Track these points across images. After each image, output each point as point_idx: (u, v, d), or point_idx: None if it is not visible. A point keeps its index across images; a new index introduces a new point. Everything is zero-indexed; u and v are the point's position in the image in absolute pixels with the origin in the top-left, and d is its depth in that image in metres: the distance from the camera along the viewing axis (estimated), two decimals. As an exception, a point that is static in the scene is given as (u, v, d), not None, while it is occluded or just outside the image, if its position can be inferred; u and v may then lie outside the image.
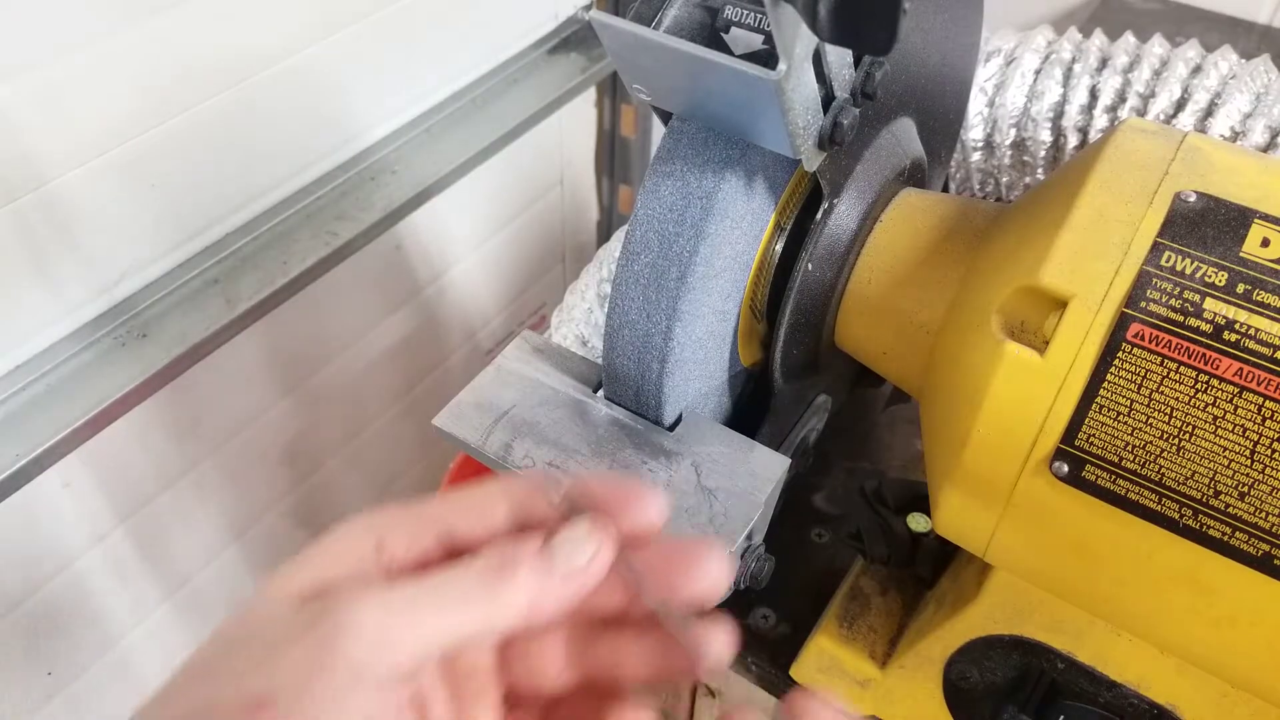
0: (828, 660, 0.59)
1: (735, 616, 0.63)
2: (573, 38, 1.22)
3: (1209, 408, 0.38)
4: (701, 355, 0.48)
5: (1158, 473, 0.40)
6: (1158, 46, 0.64)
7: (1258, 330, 0.37)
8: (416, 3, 1.00)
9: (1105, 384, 0.39)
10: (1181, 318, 0.38)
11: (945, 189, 0.72)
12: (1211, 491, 0.39)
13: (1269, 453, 0.38)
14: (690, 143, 0.45)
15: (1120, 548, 0.42)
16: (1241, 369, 0.37)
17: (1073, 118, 0.65)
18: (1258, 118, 0.60)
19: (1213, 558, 0.40)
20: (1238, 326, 0.37)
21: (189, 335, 0.86)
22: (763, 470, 0.46)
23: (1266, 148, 0.61)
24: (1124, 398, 0.39)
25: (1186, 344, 0.38)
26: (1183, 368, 0.38)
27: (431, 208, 1.06)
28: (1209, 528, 0.40)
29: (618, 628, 0.31)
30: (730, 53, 0.40)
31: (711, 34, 0.42)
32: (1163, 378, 0.39)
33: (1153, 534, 0.41)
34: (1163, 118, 0.63)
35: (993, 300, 0.42)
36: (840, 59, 0.41)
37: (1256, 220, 0.39)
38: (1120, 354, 0.39)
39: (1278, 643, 0.41)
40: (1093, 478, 0.41)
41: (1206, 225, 0.39)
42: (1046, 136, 0.66)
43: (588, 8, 1.23)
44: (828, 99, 0.41)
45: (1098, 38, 0.67)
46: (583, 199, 1.43)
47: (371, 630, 0.26)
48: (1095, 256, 0.40)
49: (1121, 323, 0.39)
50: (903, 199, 0.52)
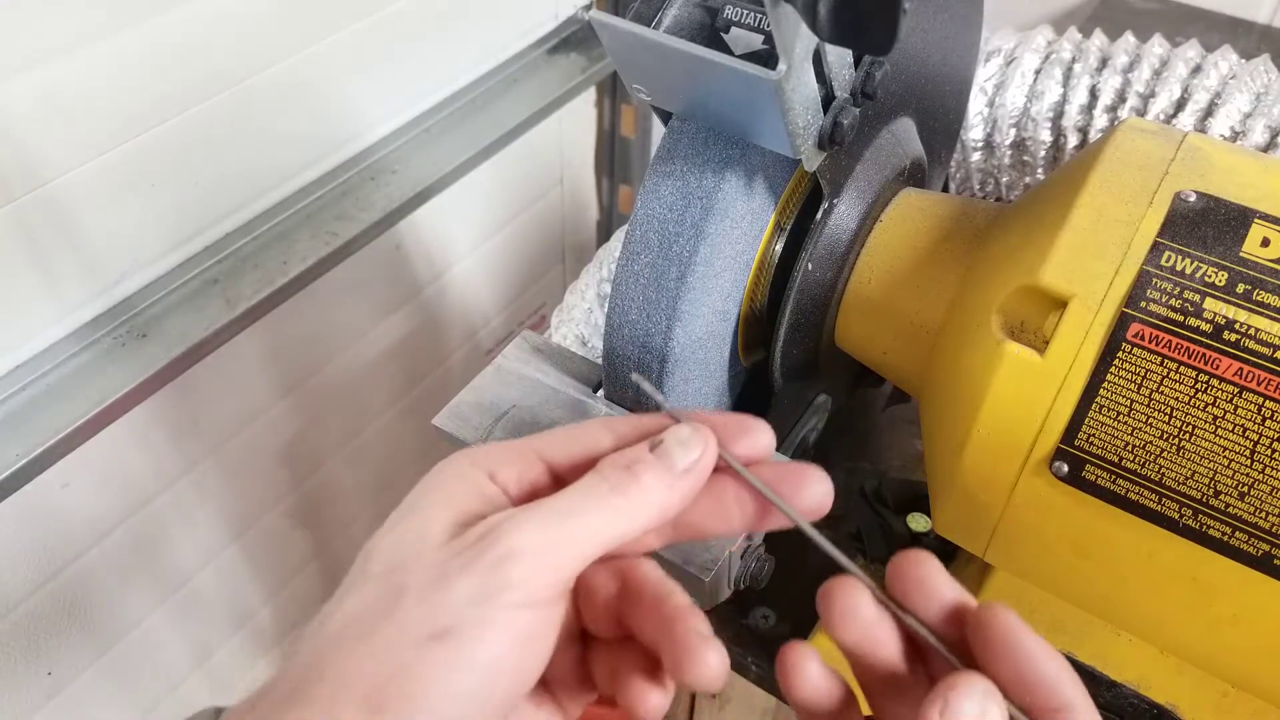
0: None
1: (735, 616, 0.63)
2: (573, 38, 1.22)
3: (1209, 407, 0.38)
4: (701, 355, 0.48)
5: (1158, 473, 0.40)
6: (1158, 46, 0.64)
7: (1258, 330, 0.37)
8: (416, 3, 1.00)
9: (1105, 384, 0.39)
10: (1181, 317, 0.38)
11: (945, 189, 0.72)
12: (1211, 491, 0.39)
13: (1269, 453, 0.38)
14: (690, 143, 0.45)
15: (1120, 548, 0.42)
16: (1241, 369, 0.37)
17: (1073, 118, 0.65)
18: (1258, 117, 0.60)
19: (1213, 557, 0.40)
20: (1238, 326, 0.37)
21: (189, 335, 0.86)
22: (763, 470, 0.46)
23: (1266, 147, 0.61)
24: (1124, 397, 0.39)
25: (1186, 344, 0.38)
26: (1183, 367, 0.38)
27: (431, 208, 1.06)
28: (1209, 528, 0.40)
29: None
30: (730, 53, 0.40)
31: (711, 34, 0.42)
32: (1163, 377, 0.39)
33: (1153, 534, 0.41)
34: (1163, 118, 0.63)
35: (993, 300, 0.42)
36: (840, 59, 0.41)
37: (1256, 220, 0.39)
38: (1120, 354, 0.39)
39: (1278, 643, 0.41)
40: (1093, 478, 0.41)
41: (1206, 225, 0.39)
42: (1046, 136, 0.66)
43: (588, 8, 1.23)
44: (828, 99, 0.41)
45: (1098, 38, 0.67)
46: (583, 199, 1.43)
47: (533, 552, 0.28)
48: (1095, 256, 0.40)
49: (1121, 322, 0.39)
50: (903, 199, 0.52)
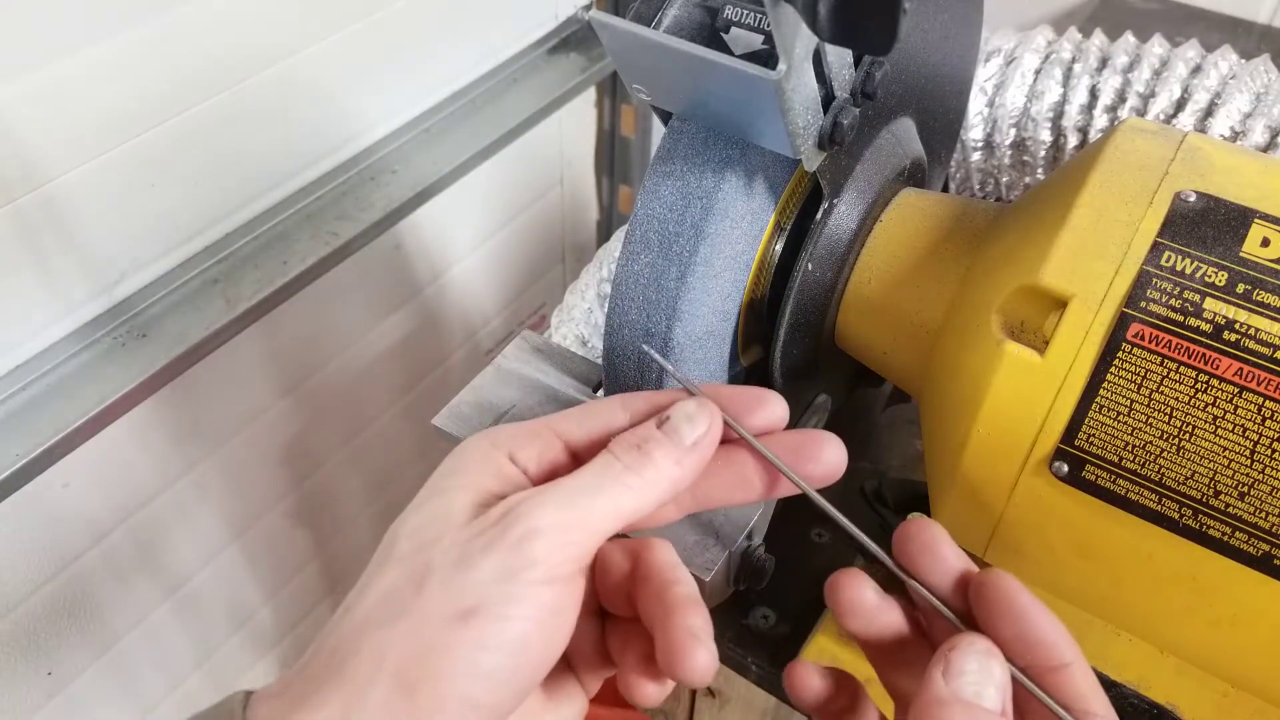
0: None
1: (735, 616, 0.63)
2: (573, 38, 1.22)
3: (1209, 407, 0.38)
4: (701, 355, 0.48)
5: (1158, 473, 0.40)
6: (1158, 46, 0.64)
7: (1258, 330, 0.37)
8: (416, 3, 1.00)
9: (1105, 384, 0.39)
10: (1181, 318, 0.38)
11: (945, 189, 0.72)
12: (1211, 491, 0.39)
13: (1269, 453, 0.38)
14: (690, 143, 0.45)
15: (1120, 548, 0.42)
16: (1241, 369, 0.37)
17: (1073, 117, 0.65)
18: (1258, 118, 0.60)
19: (1213, 558, 0.40)
20: (1238, 326, 0.37)
21: (189, 335, 0.86)
22: (763, 470, 0.46)
23: (1266, 147, 0.61)
24: (1124, 397, 0.39)
25: (1186, 344, 0.38)
26: (1183, 367, 0.38)
27: (431, 208, 1.06)
28: (1209, 528, 0.40)
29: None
30: (730, 53, 0.40)
31: (711, 34, 0.42)
32: (1163, 378, 0.39)
33: (1153, 534, 0.41)
34: (1163, 117, 0.63)
35: (993, 300, 0.42)
36: (840, 59, 0.41)
37: (1256, 220, 0.39)
38: (1120, 354, 0.39)
39: (1278, 643, 0.41)
40: (1093, 478, 0.41)
41: (1206, 225, 0.39)
42: (1046, 136, 0.66)
43: (588, 8, 1.23)
44: (828, 99, 0.41)
45: (1098, 37, 0.67)
46: (583, 199, 1.43)
47: (551, 531, 0.30)
48: (1095, 256, 0.40)
49: (1121, 322, 0.39)
50: (903, 199, 0.52)
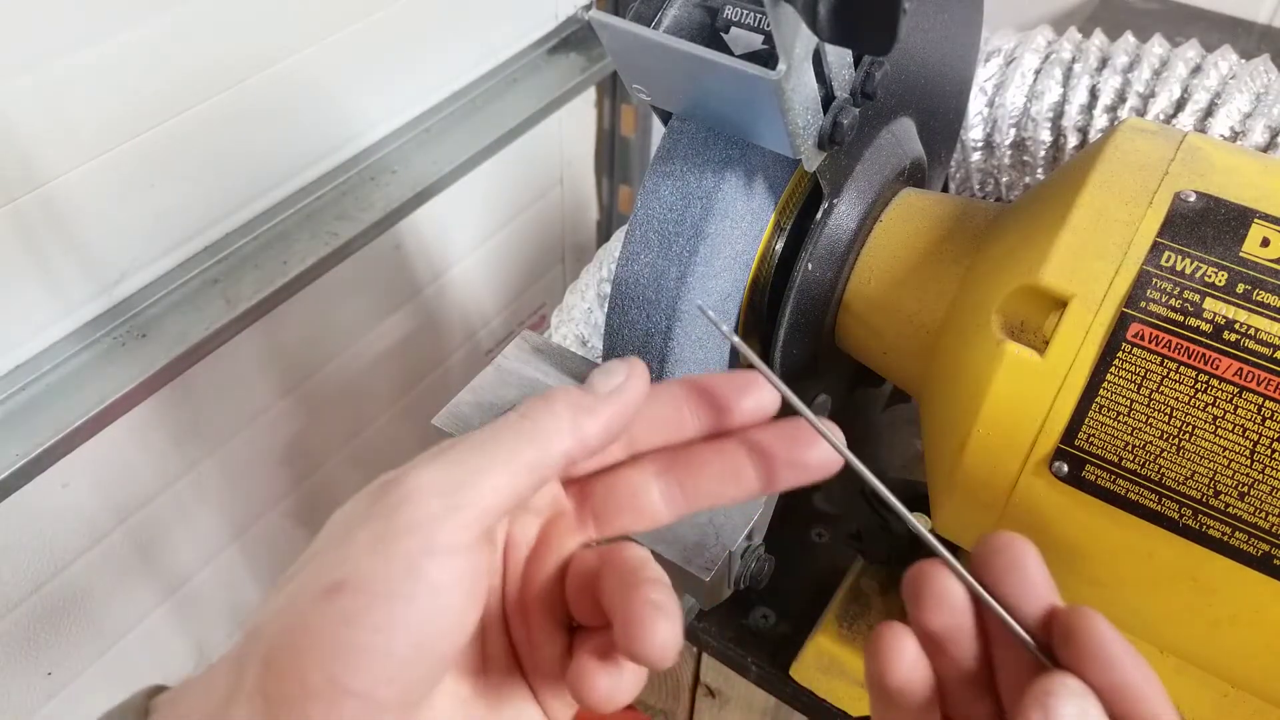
0: (828, 660, 0.59)
1: (735, 616, 0.63)
2: (573, 38, 1.22)
3: (1209, 407, 0.38)
4: (701, 355, 0.48)
5: (1158, 473, 0.40)
6: (1157, 46, 0.64)
7: (1258, 330, 0.37)
8: (416, 3, 1.00)
9: (1105, 384, 0.39)
10: (1181, 318, 0.38)
11: (945, 189, 0.72)
12: (1211, 491, 0.39)
13: (1269, 453, 0.38)
14: (690, 143, 0.45)
15: (1120, 548, 0.42)
16: (1241, 369, 0.37)
17: (1073, 117, 0.65)
18: (1258, 118, 0.60)
19: (1213, 558, 0.40)
20: (1238, 326, 0.37)
21: (189, 335, 0.86)
22: (763, 470, 0.46)
23: (1266, 148, 0.61)
24: (1124, 398, 0.39)
25: (1186, 344, 0.38)
26: (1183, 368, 0.38)
27: (431, 208, 1.06)
28: (1209, 528, 0.40)
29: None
30: (730, 52, 0.40)
31: (711, 34, 0.42)
32: (1163, 377, 0.39)
33: (1153, 534, 0.41)
34: (1162, 117, 0.63)
35: (993, 300, 0.42)
36: (840, 59, 0.41)
37: (1256, 220, 0.39)
38: (1120, 354, 0.39)
39: (1278, 643, 0.41)
40: (1093, 478, 0.41)
41: (1206, 225, 0.39)
42: (1046, 136, 0.66)
43: (588, 8, 1.23)
44: (828, 99, 0.41)
45: (1097, 37, 0.67)
46: (582, 199, 1.43)
47: (432, 494, 0.26)
48: (1095, 256, 0.40)
49: (1121, 322, 0.39)
50: (903, 199, 0.52)
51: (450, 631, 0.26)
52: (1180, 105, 0.62)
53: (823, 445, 0.32)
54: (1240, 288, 0.38)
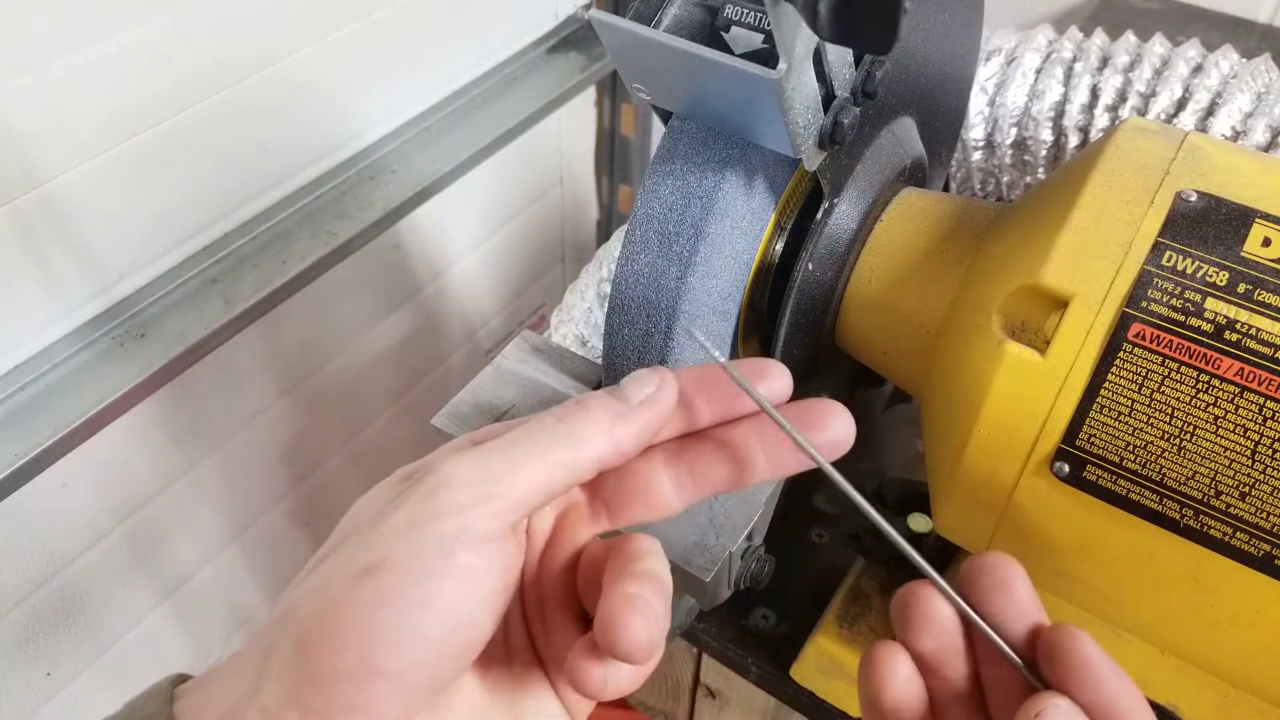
0: (828, 660, 0.59)
1: (735, 617, 0.63)
2: (572, 37, 1.22)
3: (1210, 408, 0.38)
4: (702, 355, 0.48)
5: (1159, 473, 0.40)
6: (1159, 46, 0.64)
7: (1259, 330, 0.37)
8: (416, 2, 1.00)
9: (1106, 384, 0.39)
10: (1183, 317, 0.38)
11: (946, 189, 0.72)
12: (1212, 492, 0.39)
13: (1270, 453, 0.38)
14: (690, 142, 0.45)
15: (1121, 548, 0.42)
16: (1242, 369, 0.37)
17: (1074, 117, 0.65)
18: (1259, 117, 0.60)
19: (1213, 558, 0.40)
20: (1239, 326, 0.37)
21: (188, 335, 0.85)
22: (763, 470, 0.46)
23: (1267, 147, 0.61)
24: (1125, 398, 0.39)
25: (1188, 344, 0.38)
26: (1184, 367, 0.38)
27: (431, 207, 1.06)
28: (1210, 528, 0.40)
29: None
30: (730, 52, 0.40)
31: (711, 33, 0.42)
32: (1164, 378, 0.38)
33: (1153, 534, 0.41)
34: (1164, 117, 0.63)
35: (993, 300, 0.42)
36: (840, 58, 0.41)
37: (1257, 220, 0.39)
38: (1121, 354, 0.39)
39: (1278, 643, 0.41)
40: (1094, 478, 0.41)
41: (1207, 225, 0.39)
42: (1047, 136, 0.66)
43: (587, 7, 1.23)
44: (828, 98, 0.41)
45: (1099, 37, 0.67)
46: (582, 198, 1.43)
47: (467, 484, 0.27)
48: (1096, 256, 0.40)
49: (1123, 322, 0.39)
50: (903, 199, 0.52)
51: (479, 617, 0.27)
52: (1181, 105, 0.62)
53: (831, 425, 0.31)
54: (1241, 287, 0.38)
